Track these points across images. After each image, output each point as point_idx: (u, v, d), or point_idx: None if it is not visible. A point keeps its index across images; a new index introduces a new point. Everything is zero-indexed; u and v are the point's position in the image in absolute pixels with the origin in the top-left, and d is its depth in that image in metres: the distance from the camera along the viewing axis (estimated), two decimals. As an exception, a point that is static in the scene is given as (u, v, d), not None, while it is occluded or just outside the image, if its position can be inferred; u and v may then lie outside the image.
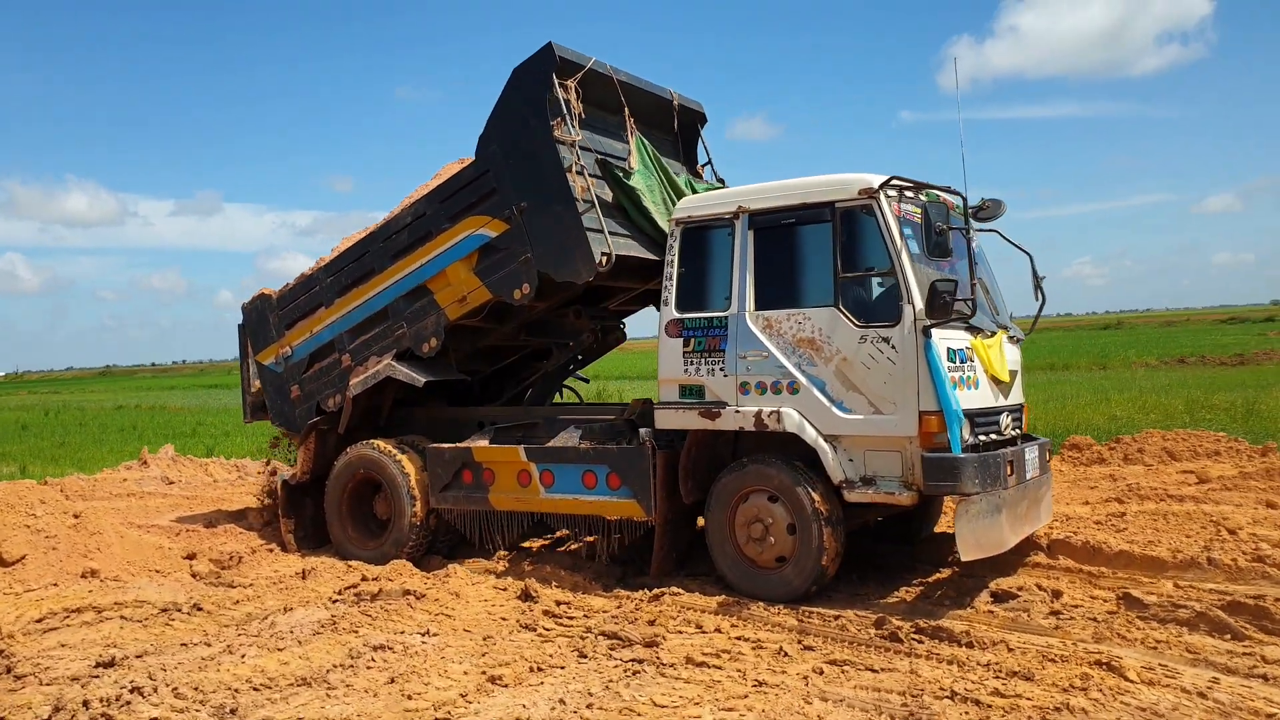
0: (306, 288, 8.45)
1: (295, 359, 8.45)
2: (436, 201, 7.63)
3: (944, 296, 5.64)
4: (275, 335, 8.57)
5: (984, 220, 6.04)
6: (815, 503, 6.06)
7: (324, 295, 8.29)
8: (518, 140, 7.11)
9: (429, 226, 7.64)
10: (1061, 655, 4.98)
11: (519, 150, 7.10)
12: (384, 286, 7.88)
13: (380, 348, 7.90)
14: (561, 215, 6.91)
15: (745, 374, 6.33)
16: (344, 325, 8.14)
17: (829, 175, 6.25)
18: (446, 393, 9.34)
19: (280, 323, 8.54)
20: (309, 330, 8.39)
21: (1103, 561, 6.75)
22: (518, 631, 5.79)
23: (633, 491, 6.70)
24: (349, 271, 8.15)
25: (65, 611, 6.37)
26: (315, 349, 8.37)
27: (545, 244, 7.00)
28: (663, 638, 5.44)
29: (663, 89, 8.25)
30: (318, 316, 8.35)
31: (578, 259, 6.86)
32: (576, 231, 6.84)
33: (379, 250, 7.94)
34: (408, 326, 7.75)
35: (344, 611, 6.12)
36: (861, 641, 5.39)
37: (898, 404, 5.87)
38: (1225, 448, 10.92)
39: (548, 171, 6.95)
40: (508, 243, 7.18)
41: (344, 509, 8.00)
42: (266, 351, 8.64)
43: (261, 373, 8.69)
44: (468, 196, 7.42)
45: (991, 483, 5.84)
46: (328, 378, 8.26)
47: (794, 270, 6.36)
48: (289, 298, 8.55)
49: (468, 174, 7.46)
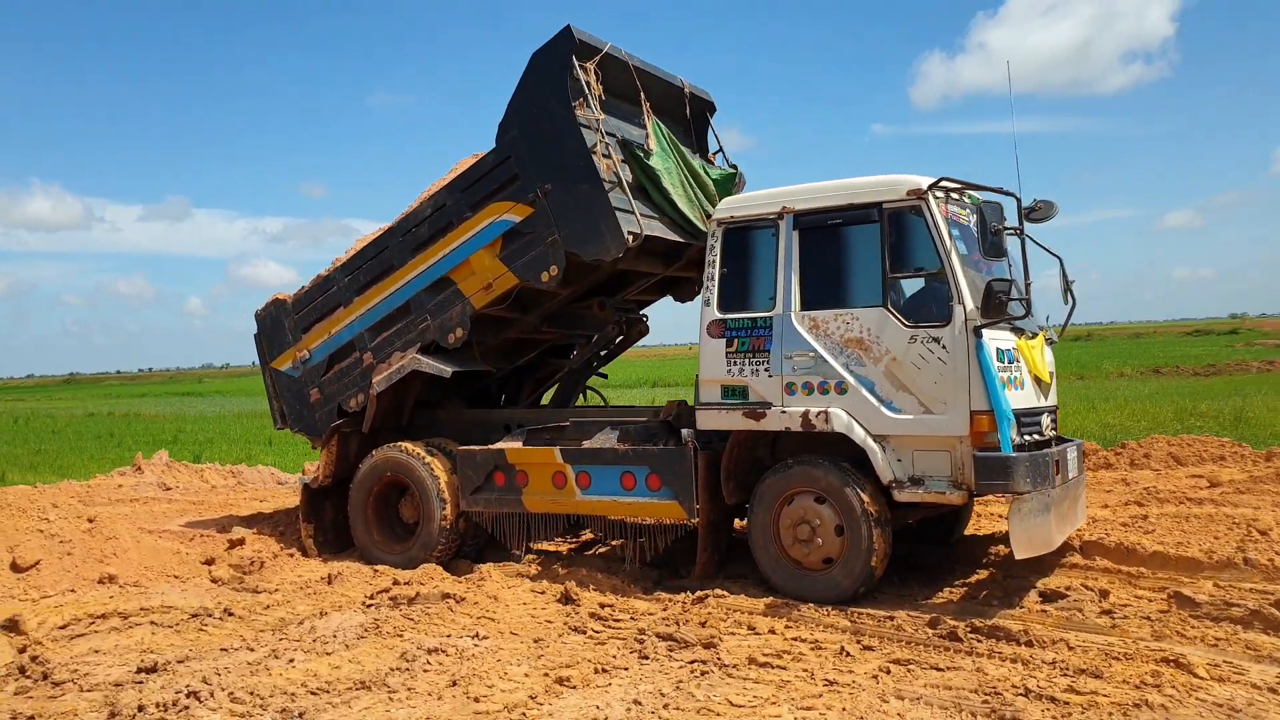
0: (323, 289, 8.31)
1: (313, 362, 8.30)
2: (457, 191, 7.57)
3: (999, 296, 5.64)
4: (291, 340, 8.41)
5: (1036, 221, 6.05)
6: (865, 503, 6.02)
7: (342, 295, 8.16)
8: (539, 124, 7.10)
9: (450, 217, 7.58)
10: (1125, 653, 4.97)
11: (541, 133, 7.10)
12: (405, 280, 7.79)
13: (404, 343, 7.79)
14: (588, 194, 6.88)
15: (791, 374, 6.29)
16: (364, 323, 8.01)
17: (876, 176, 6.24)
18: (467, 397, 9.25)
19: (296, 327, 8.39)
20: (327, 332, 8.25)
21: (1138, 562, 6.77)
22: (568, 634, 5.70)
23: (674, 493, 6.62)
24: (367, 269, 8.04)
25: (90, 618, 6.19)
26: (334, 350, 8.23)
27: (572, 224, 6.95)
28: (719, 639, 5.36)
29: (674, 77, 8.27)
30: (336, 317, 8.21)
31: (607, 236, 6.82)
32: (604, 209, 6.82)
33: (398, 245, 7.85)
34: (432, 319, 7.65)
35: (385, 615, 5.98)
36: (919, 641, 5.35)
37: (948, 404, 5.86)
38: (1230, 452, 11.07)
39: (572, 152, 6.93)
40: (533, 226, 7.14)
41: (369, 513, 7.85)
42: (283, 357, 8.47)
43: (278, 379, 8.52)
44: (489, 184, 7.38)
45: (1041, 482, 5.84)
46: (349, 378, 8.12)
47: (841, 270, 6.33)
48: (304, 300, 8.41)
49: (488, 161, 7.42)
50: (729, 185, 8.16)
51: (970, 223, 6.38)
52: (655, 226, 7.17)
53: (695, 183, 7.71)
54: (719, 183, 8.01)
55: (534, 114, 7.12)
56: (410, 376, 7.75)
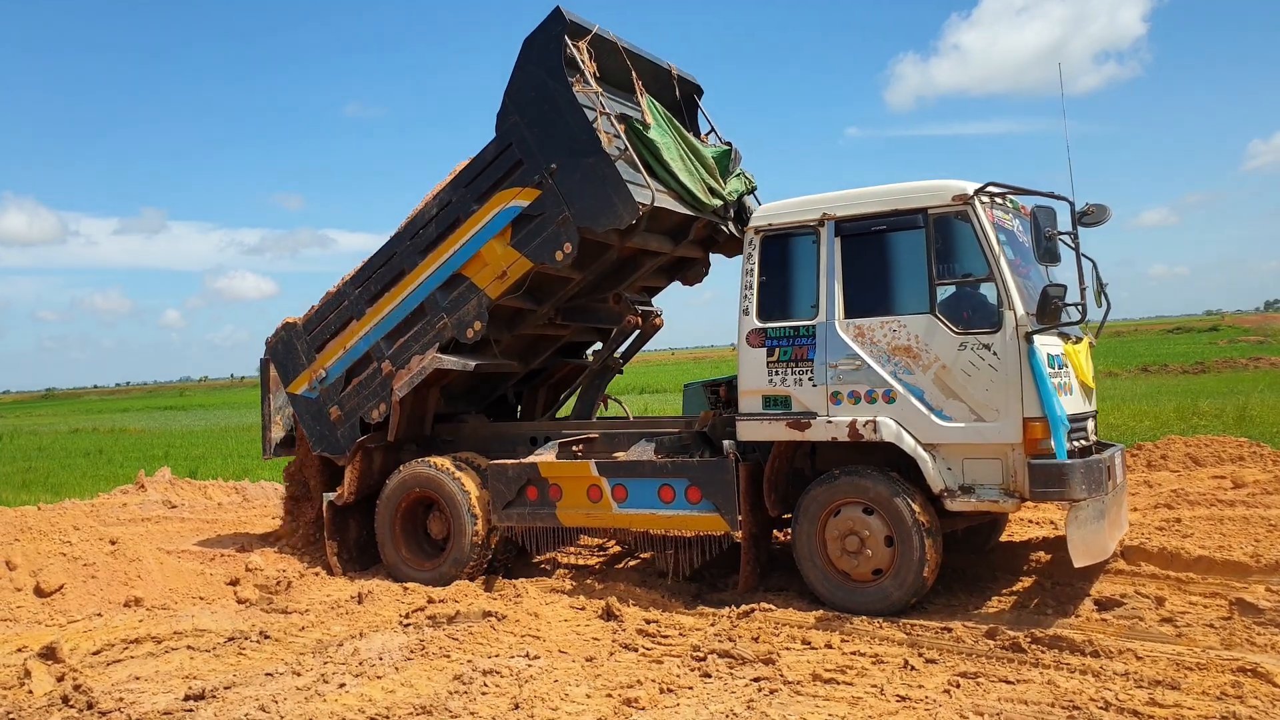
0: (334, 305, 8.24)
1: (331, 380, 8.20)
2: (461, 187, 7.57)
3: (1055, 301, 5.56)
4: (306, 361, 8.32)
5: (1090, 225, 5.98)
6: (916, 514, 5.93)
7: (354, 308, 8.08)
8: (538, 105, 7.14)
9: (457, 213, 7.57)
10: (1198, 663, 4.89)
11: (541, 115, 7.13)
12: (418, 283, 7.74)
13: (422, 345, 7.73)
14: (595, 166, 6.91)
15: (836, 383, 6.19)
16: (380, 332, 7.93)
17: (920, 181, 6.15)
18: (486, 408, 9.13)
19: (310, 347, 8.31)
20: (342, 347, 8.15)
21: (1183, 567, 6.70)
22: (619, 652, 5.57)
23: (715, 505, 6.51)
24: (378, 278, 7.98)
25: (123, 643, 6.02)
26: (351, 364, 8.11)
27: (583, 198, 6.97)
28: (777, 655, 5.25)
29: (660, 60, 8.30)
30: (350, 330, 8.11)
31: (619, 205, 6.84)
32: (614, 179, 6.86)
33: (407, 249, 7.82)
34: (449, 316, 7.60)
35: (429, 635, 5.83)
36: (981, 653, 5.26)
37: (1001, 411, 5.77)
38: (1248, 452, 11.04)
39: (574, 128, 6.98)
40: (542, 207, 7.14)
41: (397, 529, 7.69)
42: (298, 380, 8.37)
43: (295, 403, 8.41)
44: (494, 173, 7.39)
45: (1096, 488, 5.76)
46: (368, 389, 8.00)
47: (886, 277, 6.24)
48: (316, 320, 8.34)
49: (490, 152, 7.43)
50: (726, 161, 8.19)
51: (1014, 227, 6.32)
52: (663, 199, 7.19)
53: (695, 157, 7.75)
54: (717, 159, 8.06)
55: (532, 96, 7.16)
56: (431, 380, 7.67)
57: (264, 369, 8.77)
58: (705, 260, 8.83)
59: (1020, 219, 6.49)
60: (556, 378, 9.56)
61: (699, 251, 8.55)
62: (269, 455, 9.19)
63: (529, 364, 8.94)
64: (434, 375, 7.63)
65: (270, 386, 8.80)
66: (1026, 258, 6.31)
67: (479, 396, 9.13)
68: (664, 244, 7.91)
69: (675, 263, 8.67)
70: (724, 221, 8.09)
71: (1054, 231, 5.58)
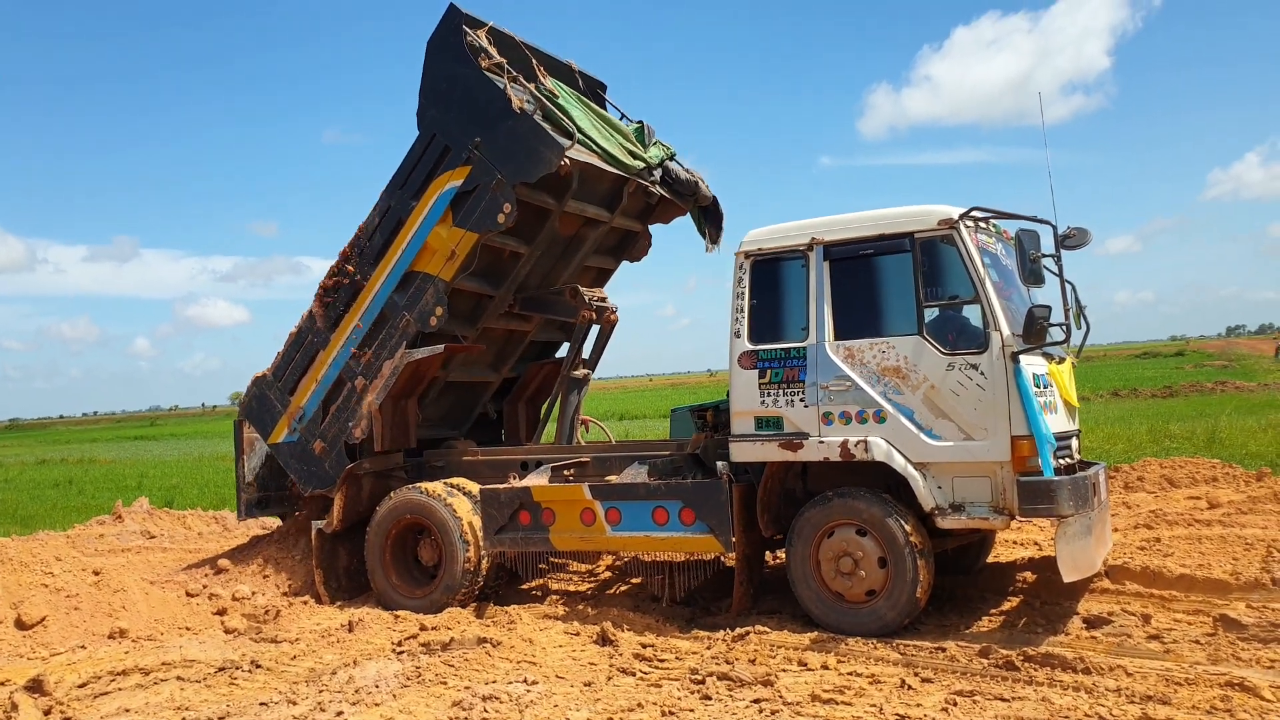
0: (298, 344, 8.44)
1: (309, 415, 8.32)
2: (397, 189, 7.97)
3: (1040, 322, 5.68)
4: (281, 407, 8.45)
5: (1071, 248, 6.13)
6: (908, 534, 5.99)
7: (319, 339, 8.32)
8: (452, 92, 7.64)
9: (398, 215, 7.93)
10: (1186, 678, 4.97)
11: (456, 99, 7.61)
12: (374, 293, 8.03)
13: (390, 349, 7.93)
14: (514, 127, 7.37)
15: (828, 404, 6.27)
16: (347, 352, 8.14)
17: (906, 207, 6.28)
18: (469, 433, 9.20)
19: (283, 392, 8.46)
20: (314, 380, 8.32)
21: (1166, 585, 6.81)
22: (617, 676, 5.57)
23: (710, 527, 6.53)
24: (337, 301, 8.23)
25: (110, 674, 5.91)
26: (326, 393, 8.26)
27: (510, 158, 7.40)
28: (775, 676, 5.28)
29: (560, 57, 8.67)
30: (319, 362, 8.31)
31: (543, 150, 7.28)
32: (534, 130, 7.35)
33: (359, 263, 8.12)
34: (409, 312, 7.85)
35: (425, 662, 5.81)
36: (976, 672, 5.31)
37: (989, 429, 5.87)
38: (1221, 474, 11.22)
39: (488, 100, 7.47)
40: (475, 180, 7.54)
41: (387, 557, 7.65)
42: (277, 429, 8.47)
43: (278, 453, 8.48)
44: (424, 167, 7.81)
45: (1083, 504, 5.86)
46: (347, 411, 8.11)
47: (874, 300, 6.35)
48: (283, 364, 8.52)
49: (417, 148, 7.86)
50: (641, 135, 8.59)
51: (998, 251, 6.45)
52: (585, 153, 7.65)
53: (609, 126, 8.19)
54: (635, 133, 8.51)
55: (444, 88, 7.68)
56: (407, 384, 7.87)
57: (238, 430, 8.87)
58: (646, 233, 9.27)
59: (1003, 243, 6.63)
60: (532, 389, 9.71)
61: (638, 224, 9.02)
62: (244, 517, 9.37)
63: (501, 371, 9.15)
64: (409, 378, 7.82)
65: (244, 448, 8.86)
66: (1009, 280, 6.44)
67: (459, 415, 9.22)
68: (601, 212, 8.40)
69: (620, 241, 9.17)
70: (652, 185, 8.52)
71: (1038, 254, 5.71)
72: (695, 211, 9.05)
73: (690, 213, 9.07)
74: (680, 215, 9.17)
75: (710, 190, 8.97)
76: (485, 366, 9.08)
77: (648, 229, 9.26)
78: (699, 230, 9.12)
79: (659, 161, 8.56)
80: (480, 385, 9.24)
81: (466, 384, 9.06)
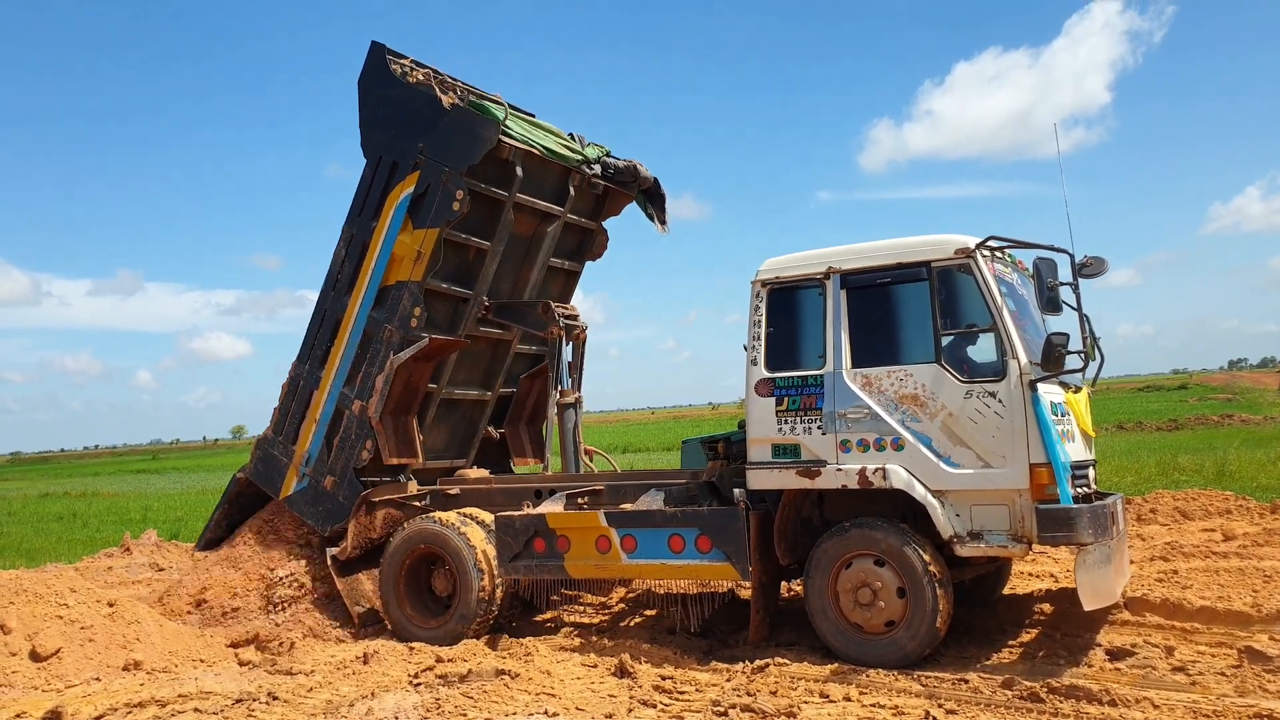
0: (292, 393, 8.69)
1: (315, 456, 8.48)
2: (356, 217, 8.44)
3: (1059, 349, 5.70)
4: (287, 460, 8.63)
5: (1089, 276, 6.15)
6: (927, 564, 5.96)
7: (311, 380, 8.57)
8: (388, 114, 8.20)
9: (362, 239, 8.36)
10: (1214, 710, 4.93)
11: (392, 117, 8.16)
12: (354, 318, 8.35)
13: (380, 363, 8.13)
14: (450, 122, 7.89)
15: (845, 431, 6.26)
16: (340, 382, 8.39)
17: (923, 236, 6.32)
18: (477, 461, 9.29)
19: (286, 444, 8.66)
20: (314, 420, 8.52)
21: (1187, 617, 6.76)
22: (638, 708, 5.52)
23: (726, 554, 6.51)
24: (320, 339, 8.53)
25: (126, 706, 5.87)
26: (327, 429, 8.44)
27: (452, 150, 7.85)
28: (797, 708, 5.24)
29: (488, 91, 9.02)
30: (315, 402, 8.53)
31: (480, 130, 7.79)
32: (467, 117, 7.88)
33: (333, 298, 8.49)
34: (390, 323, 8.10)
35: (444, 694, 5.75)
36: (1000, 703, 5.26)
37: (1007, 457, 5.86)
38: (1235, 506, 11.20)
39: (421, 106, 8.00)
40: (426, 180, 7.97)
41: (401, 587, 7.60)
42: (286, 481, 8.62)
43: (292, 504, 8.59)
44: (378, 188, 8.29)
45: (1102, 533, 5.84)
46: (350, 438, 8.27)
47: (891, 328, 6.37)
48: (281, 417, 8.76)
49: (367, 174, 8.39)
50: (573, 141, 9.10)
51: (1014, 280, 6.48)
52: (519, 135, 8.14)
53: (540, 128, 8.63)
54: (569, 137, 9.08)
55: (381, 113, 8.26)
56: (405, 396, 8.14)
57: (233, 484, 9.07)
58: (601, 230, 9.60)
59: (1018, 272, 6.66)
60: (529, 407, 9.84)
61: (591, 223, 9.38)
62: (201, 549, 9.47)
63: (493, 387, 9.32)
64: (404, 387, 8.05)
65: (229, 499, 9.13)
66: (1024, 309, 6.47)
67: (462, 440, 9.34)
68: (552, 207, 8.81)
69: (579, 243, 9.55)
70: (594, 177, 8.91)
71: (1056, 282, 5.74)
72: (640, 197, 9.46)
73: (636, 200, 9.47)
74: (628, 203, 9.53)
75: (649, 172, 9.35)
76: (477, 384, 9.25)
77: (602, 226, 9.62)
78: (646, 214, 9.53)
79: (596, 158, 9.04)
80: (477, 405, 9.35)
81: (463, 404, 9.19)
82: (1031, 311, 6.54)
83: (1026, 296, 6.58)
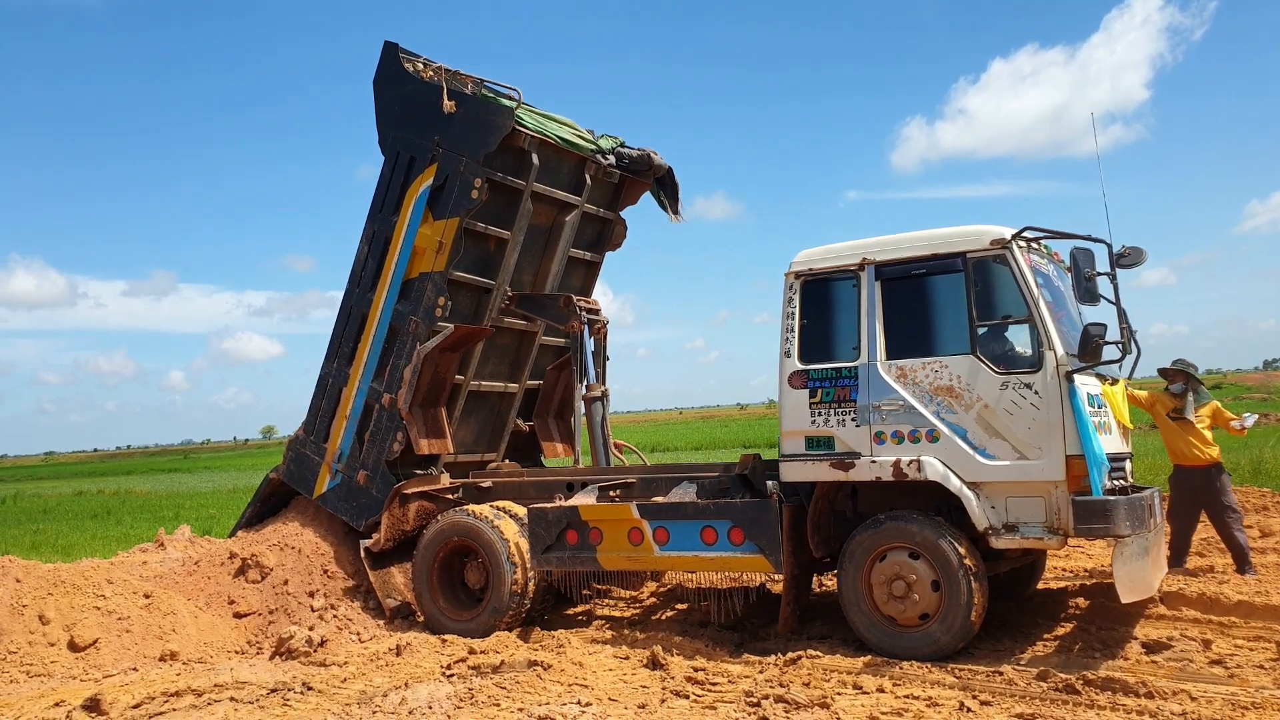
0: (321, 391, 8.79)
1: (347, 452, 8.57)
2: (377, 214, 8.54)
3: (1096, 340, 5.64)
4: (319, 458, 8.72)
5: (1127, 266, 6.08)
6: (962, 557, 5.92)
7: (339, 378, 8.66)
8: (403, 110, 8.32)
9: (384, 233, 8.45)
10: (1253, 703, 4.86)
11: (408, 114, 8.29)
12: (380, 312, 8.44)
13: (407, 354, 8.19)
14: (466, 111, 8.02)
15: (880, 423, 6.23)
16: (368, 377, 8.46)
17: (958, 227, 6.28)
18: (510, 455, 9.30)
19: (318, 443, 8.76)
20: (344, 416, 8.60)
21: (1224, 611, 6.66)
22: (671, 699, 5.50)
23: (759, 547, 6.49)
24: (347, 336, 8.62)
25: (163, 695, 5.95)
26: (358, 424, 8.53)
27: (468, 139, 7.98)
28: (831, 699, 5.21)
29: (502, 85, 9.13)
30: (345, 398, 8.61)
31: (495, 118, 7.91)
32: (482, 106, 8.03)
33: (358, 294, 8.56)
34: (415, 315, 8.17)
35: (477, 685, 5.78)
36: (1035, 695, 5.21)
37: (1043, 449, 5.81)
38: (1272, 503, 11.06)
39: (435, 99, 8.06)
40: (444, 172, 8.08)
41: (434, 580, 7.63)
42: (320, 479, 8.70)
43: (326, 502, 8.67)
44: (397, 183, 8.39)
45: (1139, 525, 5.78)
46: (381, 432, 8.33)
47: (926, 319, 6.33)
48: (311, 416, 8.85)
49: (385, 171, 8.49)
50: (576, 126, 9.08)
51: (1049, 271, 6.42)
52: (532, 124, 8.25)
53: (554, 120, 8.68)
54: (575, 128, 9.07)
55: (396, 111, 8.38)
56: (433, 387, 8.20)
57: (265, 485, 9.22)
58: (619, 220, 9.63)
59: (1054, 264, 6.59)
60: (556, 399, 9.87)
61: (610, 212, 9.42)
62: None
63: (519, 379, 9.36)
64: (431, 378, 8.10)
65: None
66: (1060, 301, 6.40)
67: (492, 434, 9.41)
68: (570, 196, 8.85)
69: (598, 234, 9.59)
70: (609, 166, 8.99)
71: (1093, 272, 5.67)
72: (653, 186, 9.53)
73: (650, 190, 9.54)
74: (644, 191, 9.60)
75: (664, 160, 9.40)
76: (504, 376, 9.30)
77: (620, 216, 9.66)
78: (659, 202, 9.61)
79: (611, 148, 9.13)
80: (505, 397, 9.38)
81: (491, 397, 9.24)
82: (1067, 303, 6.48)
83: (1062, 288, 6.51)
